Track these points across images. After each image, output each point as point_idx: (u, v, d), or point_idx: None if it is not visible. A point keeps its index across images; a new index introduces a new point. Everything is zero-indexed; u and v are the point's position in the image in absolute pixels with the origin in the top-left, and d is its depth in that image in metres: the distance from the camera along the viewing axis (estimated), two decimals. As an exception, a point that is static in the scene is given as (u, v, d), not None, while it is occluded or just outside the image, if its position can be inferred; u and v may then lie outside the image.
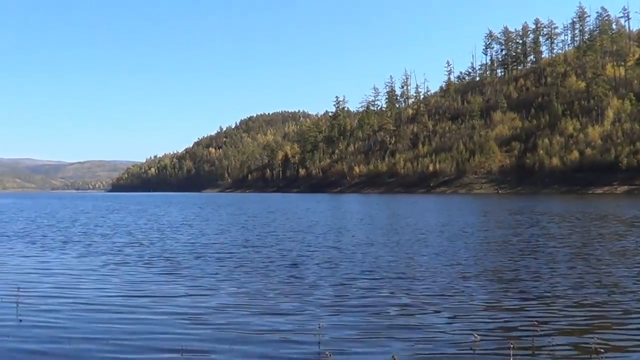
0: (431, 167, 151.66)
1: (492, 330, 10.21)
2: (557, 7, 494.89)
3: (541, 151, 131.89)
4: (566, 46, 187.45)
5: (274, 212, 54.27)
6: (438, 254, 20.31)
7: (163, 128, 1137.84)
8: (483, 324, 10.54)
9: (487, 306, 12.11)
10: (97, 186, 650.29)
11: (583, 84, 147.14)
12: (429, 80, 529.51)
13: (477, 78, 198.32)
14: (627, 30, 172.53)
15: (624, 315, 11.14)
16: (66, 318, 11.26)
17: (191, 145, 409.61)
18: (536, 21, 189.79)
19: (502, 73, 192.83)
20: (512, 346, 8.18)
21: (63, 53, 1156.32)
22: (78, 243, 25.89)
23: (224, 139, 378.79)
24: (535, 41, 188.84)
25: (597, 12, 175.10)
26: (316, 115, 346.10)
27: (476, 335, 8.93)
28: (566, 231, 29.30)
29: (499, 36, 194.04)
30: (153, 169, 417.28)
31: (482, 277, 15.51)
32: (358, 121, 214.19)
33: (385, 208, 62.16)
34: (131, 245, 24.91)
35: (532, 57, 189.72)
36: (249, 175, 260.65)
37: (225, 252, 21.67)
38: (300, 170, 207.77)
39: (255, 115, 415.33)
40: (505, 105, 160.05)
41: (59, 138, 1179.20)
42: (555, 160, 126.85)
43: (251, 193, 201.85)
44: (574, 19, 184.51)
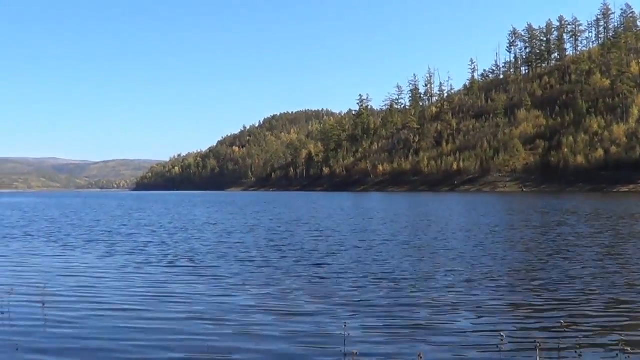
0: (455, 166, 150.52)
1: (519, 330, 10.12)
2: (582, 5, 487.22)
3: (566, 149, 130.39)
4: (590, 43, 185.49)
5: (297, 210, 54.21)
6: (465, 253, 20.15)
7: (187, 127, 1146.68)
8: (510, 324, 10.45)
9: (514, 306, 11.99)
10: (122, 185, 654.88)
11: (608, 82, 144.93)
12: (453, 78, 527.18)
13: (501, 76, 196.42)
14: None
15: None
16: (90, 317, 11.35)
17: (215, 144, 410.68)
18: (560, 18, 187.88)
19: (526, 71, 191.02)
20: (539, 346, 8.06)
21: (91, 58, 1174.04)
22: (102, 242, 26.11)
23: (248, 138, 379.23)
24: (559, 39, 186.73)
25: (622, 9, 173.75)
26: (340, 113, 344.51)
27: (502, 335, 8.83)
28: (595, 230, 28.91)
29: (523, 34, 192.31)
30: (177, 168, 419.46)
31: (510, 277, 15.35)
32: (382, 119, 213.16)
33: (410, 207, 61.83)
34: (155, 244, 25.03)
35: (557, 55, 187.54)
36: (273, 174, 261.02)
37: (248, 252, 21.67)
38: (323, 168, 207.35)
39: (278, 114, 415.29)
40: (529, 103, 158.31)
41: (84, 138, 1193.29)
42: (580, 158, 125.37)
43: (274, 192, 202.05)
44: (598, 16, 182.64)
